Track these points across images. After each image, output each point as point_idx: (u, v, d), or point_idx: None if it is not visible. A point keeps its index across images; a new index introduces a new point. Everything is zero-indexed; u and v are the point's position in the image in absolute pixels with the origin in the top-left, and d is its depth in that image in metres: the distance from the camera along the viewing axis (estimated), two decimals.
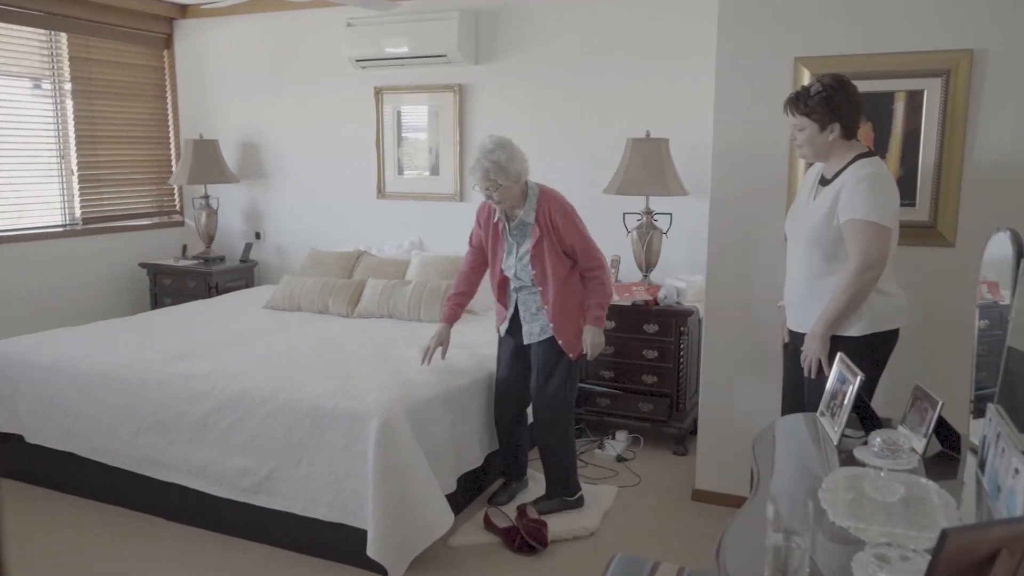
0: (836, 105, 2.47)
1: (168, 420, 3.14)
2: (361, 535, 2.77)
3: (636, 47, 4.34)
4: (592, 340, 3.12)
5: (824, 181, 2.59)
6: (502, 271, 3.21)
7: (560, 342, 3.12)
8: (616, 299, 4.00)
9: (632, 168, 4.04)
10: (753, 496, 1.72)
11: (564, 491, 3.29)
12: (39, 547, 3.06)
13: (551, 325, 3.12)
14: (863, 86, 2.94)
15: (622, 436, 4.06)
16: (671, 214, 4.22)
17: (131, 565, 2.94)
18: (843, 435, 1.97)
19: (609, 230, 4.45)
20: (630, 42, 4.36)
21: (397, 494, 2.74)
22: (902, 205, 2.95)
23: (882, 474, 1.71)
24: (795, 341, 2.70)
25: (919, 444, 1.89)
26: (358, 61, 4.93)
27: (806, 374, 2.60)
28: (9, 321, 4.70)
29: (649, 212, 4.16)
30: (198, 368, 3.24)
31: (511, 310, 3.25)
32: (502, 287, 3.25)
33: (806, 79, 3.01)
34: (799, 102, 2.51)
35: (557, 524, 3.14)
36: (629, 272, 4.34)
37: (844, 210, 2.44)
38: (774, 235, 3.14)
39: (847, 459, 1.88)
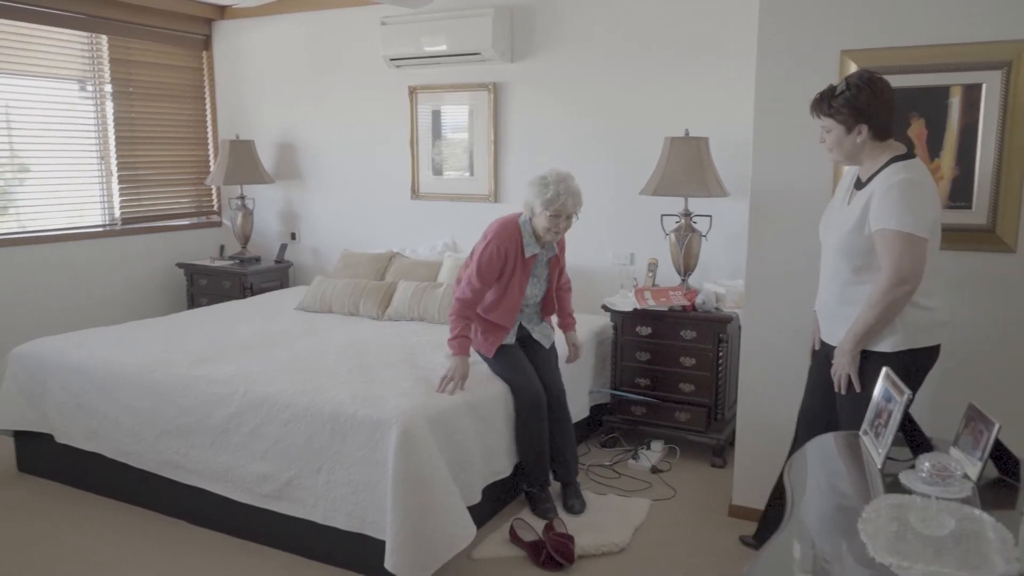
0: (862, 105, 2.31)
1: (190, 424, 3.10)
2: (382, 546, 2.68)
3: (675, 42, 4.19)
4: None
5: (859, 184, 2.43)
6: (520, 302, 3.27)
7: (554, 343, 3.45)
8: (652, 304, 3.86)
9: (670, 168, 3.89)
10: (785, 525, 1.57)
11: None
12: (64, 546, 3.05)
13: (551, 331, 3.47)
14: (915, 80, 2.77)
15: (657, 446, 3.92)
16: (711, 216, 4.06)
17: (152, 568, 2.91)
18: (888, 458, 1.82)
19: (646, 232, 4.32)
20: (668, 37, 4.20)
21: (417, 505, 2.64)
22: (957, 207, 2.78)
23: (931, 503, 1.55)
24: (825, 351, 2.56)
25: (973, 470, 1.72)
26: (392, 60, 4.87)
27: (836, 389, 2.46)
28: (49, 320, 4.75)
29: (688, 214, 4.01)
30: (221, 371, 3.20)
31: (516, 325, 3.33)
32: (513, 311, 3.24)
33: None
34: (823, 103, 2.38)
35: (585, 539, 3.01)
36: (666, 276, 4.19)
37: (875, 219, 2.28)
38: (819, 239, 2.96)
39: (892, 485, 1.73)
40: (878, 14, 2.81)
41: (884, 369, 2.02)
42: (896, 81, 2.79)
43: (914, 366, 2.35)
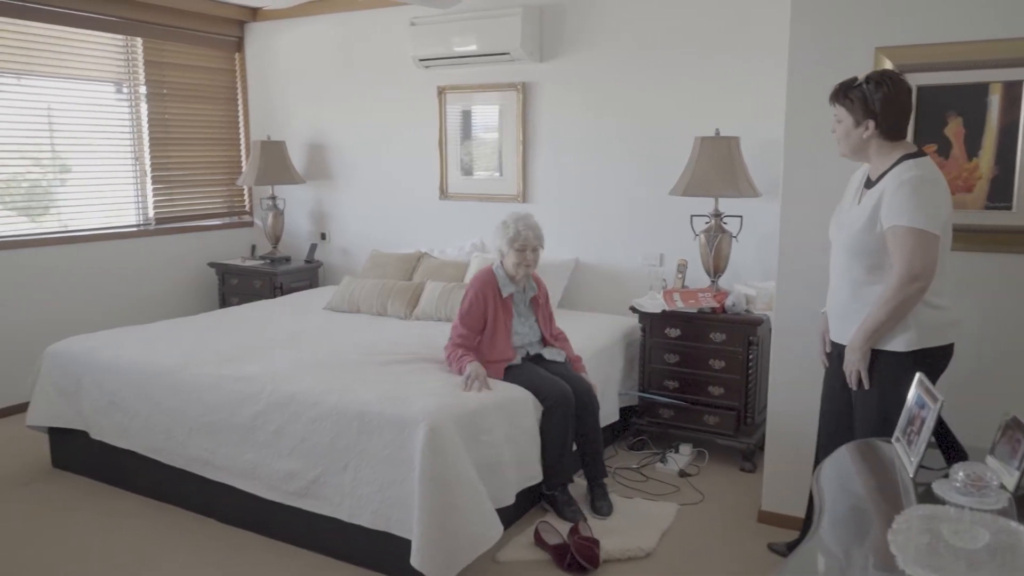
0: (876, 102, 2.31)
1: (218, 421, 3.13)
2: (407, 545, 2.68)
3: (705, 40, 4.14)
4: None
5: (869, 183, 2.42)
6: (510, 342, 3.34)
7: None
8: (681, 306, 3.82)
9: (700, 168, 3.85)
10: (811, 535, 1.53)
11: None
12: (96, 541, 3.10)
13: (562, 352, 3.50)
14: (953, 78, 2.70)
15: (686, 450, 3.87)
16: (741, 217, 4.00)
17: (181, 565, 2.94)
18: (921, 466, 1.77)
19: (676, 233, 4.27)
20: (699, 36, 4.15)
21: (442, 504, 2.64)
22: (996, 208, 2.70)
23: (965, 514, 1.51)
24: (837, 351, 2.54)
25: (1010, 480, 1.67)
26: (421, 60, 4.88)
27: (849, 385, 2.46)
28: (84, 318, 4.83)
29: (718, 214, 3.95)
30: (248, 370, 3.22)
31: (521, 355, 3.40)
32: (506, 348, 3.31)
33: None
34: (841, 92, 2.40)
35: (611, 543, 2.98)
36: (696, 278, 4.14)
37: (887, 216, 2.27)
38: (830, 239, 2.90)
39: (924, 495, 1.67)
40: (914, 9, 2.74)
41: (918, 375, 1.97)
42: (933, 79, 2.74)
43: (928, 366, 2.31)
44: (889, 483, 1.81)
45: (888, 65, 2.77)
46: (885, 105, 2.31)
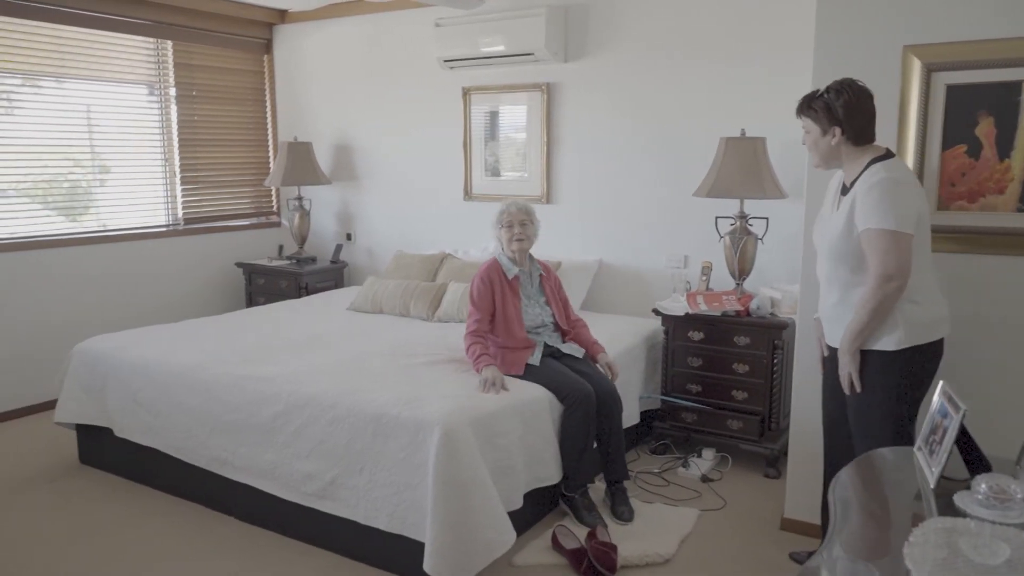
0: (839, 109, 2.38)
1: (238, 421, 3.15)
2: (422, 548, 2.67)
3: (730, 40, 4.07)
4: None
5: (845, 190, 2.47)
6: (522, 324, 3.36)
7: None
8: (705, 308, 3.77)
9: (725, 169, 3.79)
10: (824, 547, 1.49)
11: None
12: (119, 537, 3.14)
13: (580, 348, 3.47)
14: (984, 76, 2.63)
15: (708, 454, 3.81)
16: (767, 218, 3.93)
17: (201, 562, 2.96)
18: (942, 477, 1.71)
19: (700, 235, 4.22)
20: (724, 35, 4.09)
21: (456, 508, 2.62)
22: None
23: (985, 528, 1.45)
24: (833, 356, 2.58)
25: None
26: (446, 61, 4.88)
27: (845, 390, 2.50)
28: (113, 317, 4.92)
29: (743, 216, 3.89)
30: (268, 371, 3.24)
31: (539, 347, 3.36)
32: (519, 330, 3.33)
33: (916, 70, 2.70)
34: (805, 103, 2.47)
35: (629, 548, 2.95)
36: (720, 280, 4.08)
37: (860, 220, 2.34)
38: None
39: (946, 507, 1.62)
40: (945, 5, 2.67)
41: (940, 383, 1.91)
42: (964, 77, 2.67)
43: (919, 363, 2.39)
44: (908, 494, 1.75)
45: (917, 64, 2.70)
46: (848, 111, 2.39)
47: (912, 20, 2.72)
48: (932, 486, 1.70)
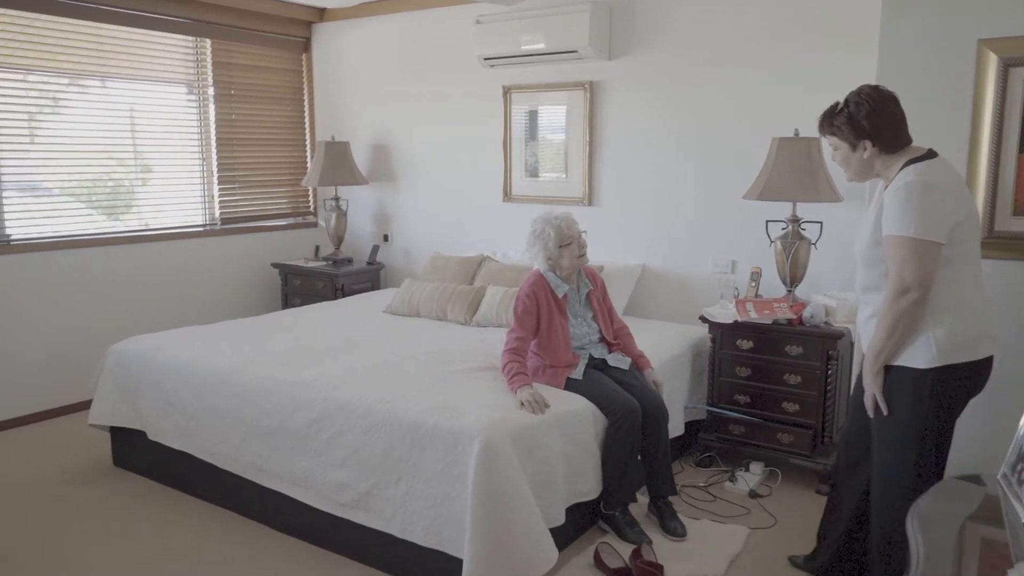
0: (863, 122, 2.20)
1: (272, 427, 3.08)
2: (459, 565, 2.56)
3: (783, 35, 3.90)
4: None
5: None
6: (569, 345, 3.22)
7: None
8: (755, 316, 3.61)
9: (777, 171, 3.63)
10: None
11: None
12: (150, 542, 3.09)
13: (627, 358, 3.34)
14: None
15: (757, 468, 3.65)
16: (821, 223, 3.75)
17: (232, 571, 2.89)
18: None
19: (749, 239, 4.06)
20: (776, 30, 3.92)
21: (496, 524, 2.51)
22: None
23: None
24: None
25: None
26: (486, 59, 4.77)
27: (868, 412, 2.31)
28: (149, 317, 4.89)
29: (796, 220, 3.73)
30: (303, 375, 3.16)
31: (583, 361, 3.23)
32: (564, 351, 3.19)
33: (992, 66, 2.53)
34: (826, 121, 2.31)
35: (676, 567, 2.81)
36: (771, 287, 3.91)
37: (884, 226, 2.17)
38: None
39: None
40: None
41: None
42: None
43: (954, 384, 2.17)
44: (998, 529, 1.60)
45: (993, 59, 2.52)
46: (874, 121, 2.22)
47: (987, 12, 2.55)
48: (1023, 520, 1.55)
